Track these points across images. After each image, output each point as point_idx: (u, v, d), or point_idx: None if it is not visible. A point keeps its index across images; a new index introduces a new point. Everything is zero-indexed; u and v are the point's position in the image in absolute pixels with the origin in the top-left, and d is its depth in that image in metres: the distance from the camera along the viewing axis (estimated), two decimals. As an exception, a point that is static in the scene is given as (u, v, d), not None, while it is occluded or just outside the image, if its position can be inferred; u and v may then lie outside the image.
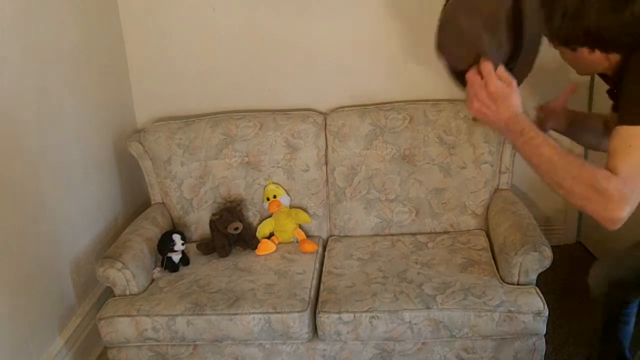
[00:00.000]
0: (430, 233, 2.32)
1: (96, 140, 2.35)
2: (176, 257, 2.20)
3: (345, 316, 1.89)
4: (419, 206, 2.32)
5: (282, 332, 1.91)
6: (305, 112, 2.39)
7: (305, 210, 2.37)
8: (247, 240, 2.29)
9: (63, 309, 2.11)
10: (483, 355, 1.93)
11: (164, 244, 2.19)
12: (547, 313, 1.83)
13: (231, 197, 2.38)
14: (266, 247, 2.27)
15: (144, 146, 2.38)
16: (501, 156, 2.29)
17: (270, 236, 2.34)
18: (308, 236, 2.35)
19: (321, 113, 2.43)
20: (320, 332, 1.92)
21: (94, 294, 2.31)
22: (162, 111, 2.58)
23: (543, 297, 1.87)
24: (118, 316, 1.95)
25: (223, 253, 2.25)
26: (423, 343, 1.93)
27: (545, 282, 1.96)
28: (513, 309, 1.84)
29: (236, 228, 2.24)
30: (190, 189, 2.39)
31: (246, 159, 2.36)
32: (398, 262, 2.11)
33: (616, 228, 1.19)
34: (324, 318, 1.90)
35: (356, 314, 1.88)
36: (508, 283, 1.95)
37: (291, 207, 2.36)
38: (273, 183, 2.36)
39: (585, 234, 2.75)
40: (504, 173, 2.32)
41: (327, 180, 2.38)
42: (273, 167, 2.36)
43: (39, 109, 1.97)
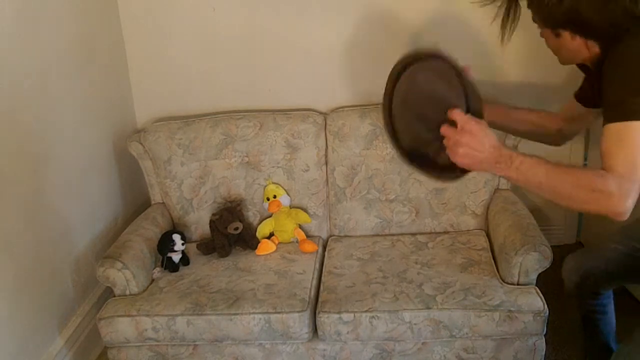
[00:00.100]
0: (430, 233, 2.32)
1: (96, 140, 2.35)
2: (176, 257, 2.20)
3: (345, 316, 1.89)
4: (419, 206, 2.32)
5: (282, 332, 1.91)
6: (305, 112, 2.39)
7: (305, 210, 2.37)
8: (247, 240, 2.29)
9: (63, 309, 2.11)
10: (483, 355, 1.93)
11: (164, 244, 2.19)
12: (547, 313, 1.83)
13: (231, 197, 2.38)
14: (266, 247, 2.27)
15: (144, 146, 2.38)
16: (501, 156, 2.29)
17: (270, 236, 2.34)
18: (308, 236, 2.35)
19: (321, 113, 2.42)
20: (320, 332, 1.92)
21: (94, 294, 2.31)
22: (162, 111, 2.58)
23: (543, 297, 1.87)
24: (118, 316, 1.95)
25: (223, 253, 2.25)
26: (423, 343, 1.93)
27: (545, 282, 1.96)
28: (513, 309, 1.84)
29: (236, 228, 2.24)
30: (190, 189, 2.39)
31: (246, 159, 2.36)
32: (398, 262, 2.11)
33: (625, 218, 1.23)
34: (324, 318, 1.90)
35: (356, 314, 1.88)
36: (508, 283, 1.95)
37: (291, 207, 2.36)
38: (273, 183, 2.36)
39: (585, 234, 2.75)
40: (504, 173, 2.32)
41: (327, 180, 2.38)
42: (273, 167, 2.36)
43: (39, 109, 1.97)
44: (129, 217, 2.45)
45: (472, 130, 1.29)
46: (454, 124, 1.32)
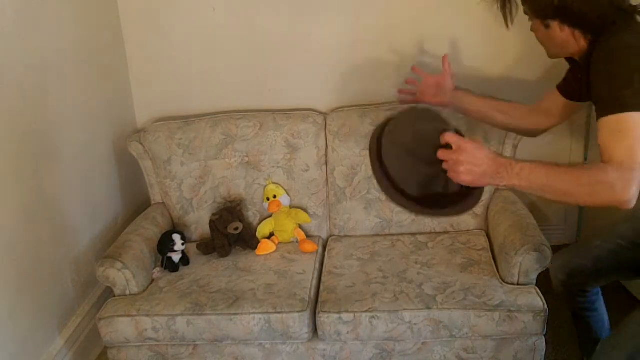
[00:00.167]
0: (430, 233, 2.32)
1: (96, 140, 2.35)
2: (176, 257, 2.20)
3: (345, 316, 1.89)
4: (419, 206, 2.32)
5: (282, 332, 1.91)
6: (305, 112, 2.39)
7: (305, 210, 2.37)
8: (247, 240, 2.29)
9: (63, 309, 2.11)
10: (483, 355, 1.93)
11: (164, 244, 2.19)
12: (547, 313, 1.83)
13: (231, 197, 2.38)
14: (266, 247, 2.27)
15: (144, 146, 2.38)
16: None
17: (270, 236, 2.34)
18: (308, 236, 2.35)
19: (321, 113, 2.42)
20: (320, 332, 1.92)
21: (94, 294, 2.31)
22: (162, 111, 2.58)
23: (543, 297, 1.87)
24: (118, 316, 1.95)
25: (223, 253, 2.25)
26: (423, 343, 1.93)
27: (545, 282, 1.95)
28: (513, 309, 1.84)
29: (236, 228, 2.24)
30: (190, 189, 2.39)
31: (246, 159, 2.36)
32: (398, 262, 2.11)
33: (632, 206, 1.25)
34: (324, 318, 1.90)
35: (356, 314, 1.88)
36: (508, 283, 1.95)
37: (291, 207, 2.36)
38: (273, 183, 2.36)
39: (585, 234, 2.75)
40: (504, 173, 2.31)
41: (327, 180, 2.38)
42: (273, 167, 2.36)
43: (39, 109, 1.97)
44: (129, 217, 2.45)
45: (467, 147, 1.31)
46: (449, 148, 1.34)
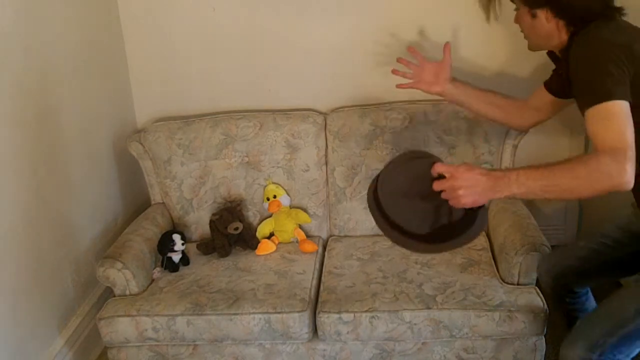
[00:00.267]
0: (430, 233, 2.32)
1: (96, 140, 2.35)
2: (176, 257, 2.20)
3: (345, 316, 1.89)
4: (419, 206, 2.32)
5: (282, 332, 1.91)
6: (305, 112, 2.39)
7: (305, 210, 2.37)
8: (247, 240, 2.29)
9: (63, 309, 2.11)
10: (483, 355, 1.93)
11: (164, 244, 2.19)
12: (547, 313, 1.83)
13: (231, 197, 2.38)
14: (266, 247, 2.27)
15: (144, 146, 2.38)
16: (501, 156, 2.29)
17: (270, 236, 2.34)
18: (308, 236, 2.35)
19: (321, 113, 2.42)
20: (320, 332, 1.92)
21: (94, 294, 2.31)
22: (162, 111, 2.58)
23: (543, 297, 1.87)
24: (118, 316, 1.95)
25: (223, 253, 2.25)
26: (423, 343, 1.93)
27: (545, 282, 1.96)
28: (513, 309, 1.84)
29: (236, 228, 2.24)
30: (190, 189, 2.39)
31: (246, 159, 2.36)
32: (398, 262, 2.11)
33: (631, 186, 1.26)
34: (324, 318, 1.90)
35: (356, 314, 1.88)
36: (508, 283, 1.95)
37: (291, 207, 2.36)
38: (273, 183, 2.36)
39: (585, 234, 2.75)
40: (504, 173, 2.32)
41: (327, 180, 2.37)
42: (273, 167, 2.36)
43: (39, 109, 1.97)
44: (129, 217, 2.45)
45: (459, 170, 1.33)
46: (442, 178, 1.35)
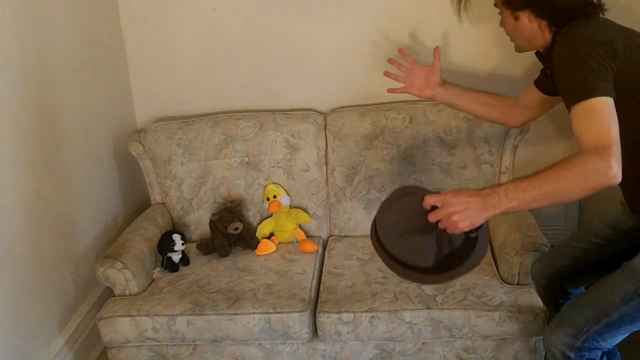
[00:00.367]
0: (430, 233, 2.32)
1: (96, 140, 2.35)
2: (176, 257, 2.20)
3: (345, 316, 1.89)
4: (419, 206, 2.32)
5: (282, 332, 1.91)
6: (305, 112, 2.39)
7: (305, 210, 2.37)
8: (247, 240, 2.29)
9: (63, 309, 2.11)
10: (483, 355, 1.93)
11: (164, 244, 2.19)
12: (547, 313, 1.83)
13: (231, 197, 2.38)
14: (266, 247, 2.27)
15: (144, 146, 2.38)
16: (501, 156, 2.29)
17: (270, 236, 2.34)
18: (308, 236, 2.35)
19: (321, 113, 2.42)
20: (320, 332, 1.93)
21: (94, 294, 2.31)
22: (162, 111, 2.58)
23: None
24: (118, 316, 1.95)
25: (223, 253, 2.25)
26: (423, 343, 1.93)
27: (545, 282, 1.95)
28: (513, 309, 1.84)
29: (236, 228, 2.24)
30: (190, 189, 2.39)
31: (246, 159, 2.36)
32: (398, 262, 2.11)
33: (619, 180, 1.26)
34: (324, 318, 1.90)
35: (356, 314, 1.88)
36: (508, 283, 1.95)
37: (291, 207, 2.36)
38: (273, 183, 2.36)
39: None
40: (504, 173, 2.32)
41: (327, 180, 2.38)
42: (273, 167, 2.36)
43: (39, 109, 1.97)
44: (129, 217, 2.45)
45: (448, 197, 1.35)
46: (435, 209, 1.37)
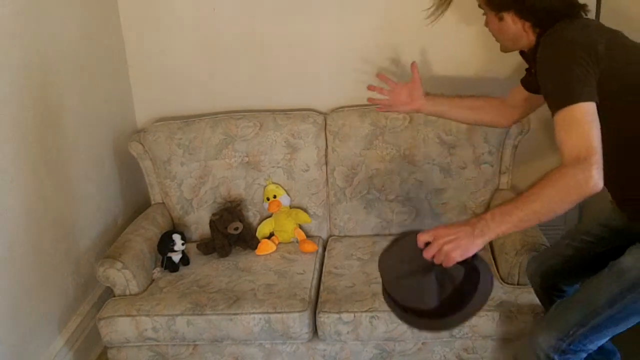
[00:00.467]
0: (430, 233, 2.32)
1: (96, 140, 2.35)
2: (176, 257, 2.20)
3: (345, 316, 1.89)
4: (419, 206, 2.32)
5: (282, 332, 1.91)
6: (305, 112, 2.39)
7: (305, 210, 2.37)
8: (247, 240, 2.29)
9: (63, 309, 2.11)
10: (483, 355, 1.93)
11: (164, 244, 2.19)
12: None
13: (231, 197, 2.38)
14: (266, 247, 2.27)
15: (144, 146, 2.38)
16: (501, 156, 2.29)
17: (270, 236, 2.34)
18: (308, 236, 2.35)
19: (321, 113, 2.42)
20: (320, 332, 1.93)
21: (94, 294, 2.31)
22: (162, 111, 2.58)
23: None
24: (118, 316, 1.95)
25: (223, 253, 2.25)
26: (423, 343, 1.93)
27: (545, 282, 1.95)
28: (513, 309, 1.84)
29: (236, 228, 2.24)
30: (190, 189, 2.39)
31: (246, 159, 2.36)
32: (398, 262, 2.11)
33: (601, 186, 1.26)
34: (324, 318, 1.90)
35: (356, 314, 1.88)
36: (508, 283, 1.95)
37: (291, 207, 2.36)
38: (273, 183, 2.36)
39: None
40: (504, 173, 2.32)
41: (327, 180, 2.38)
42: (273, 167, 2.36)
43: (39, 109, 1.97)
44: (129, 217, 2.45)
45: (438, 230, 1.36)
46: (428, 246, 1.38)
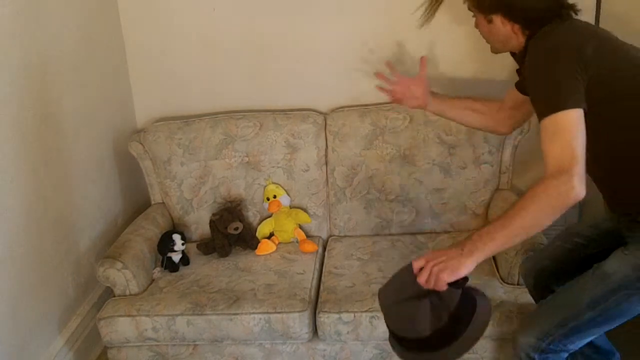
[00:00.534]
0: (430, 233, 2.32)
1: (96, 140, 2.35)
2: (176, 257, 2.20)
3: (345, 316, 1.89)
4: (419, 206, 2.32)
5: (282, 332, 1.91)
6: (305, 112, 2.39)
7: (305, 210, 2.37)
8: (247, 240, 2.29)
9: (63, 309, 2.11)
10: (483, 355, 1.93)
11: (164, 244, 2.19)
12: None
13: (231, 197, 2.38)
14: (266, 247, 2.27)
15: (144, 146, 2.38)
16: (501, 156, 2.29)
17: (270, 236, 2.34)
18: (308, 236, 2.35)
19: (321, 113, 2.42)
20: (320, 332, 1.93)
21: (94, 294, 2.31)
22: (162, 111, 2.58)
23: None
24: (118, 316, 1.95)
25: (223, 253, 2.25)
26: (423, 343, 1.93)
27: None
28: (513, 309, 1.84)
29: (236, 228, 2.24)
30: (190, 189, 2.39)
31: (246, 159, 2.36)
32: (398, 262, 2.11)
33: (583, 196, 1.26)
34: (324, 318, 1.90)
35: (356, 314, 1.88)
36: (508, 283, 1.95)
37: (291, 207, 2.36)
38: (273, 183, 2.36)
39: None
40: (504, 173, 2.32)
41: (327, 180, 2.38)
42: (273, 167, 2.36)
43: (39, 109, 1.97)
44: (129, 217, 2.45)
45: (428, 254, 1.40)
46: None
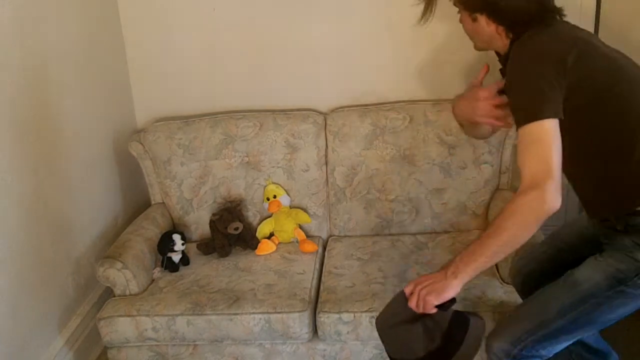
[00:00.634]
0: (430, 233, 2.32)
1: (96, 140, 2.35)
2: (176, 257, 2.20)
3: (345, 316, 1.89)
4: (419, 206, 2.32)
5: (282, 332, 1.91)
6: (305, 112, 2.39)
7: (305, 210, 2.37)
8: (247, 240, 2.29)
9: (63, 309, 2.11)
10: (483, 355, 1.93)
11: (164, 244, 2.19)
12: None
13: (231, 197, 2.38)
14: (266, 247, 2.27)
15: (144, 146, 2.38)
16: (501, 156, 2.29)
17: (270, 236, 2.34)
18: (308, 236, 2.35)
19: (321, 113, 2.42)
20: (320, 332, 1.93)
21: (94, 294, 2.31)
22: (162, 111, 2.58)
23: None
24: (118, 316, 1.95)
25: (223, 253, 2.25)
26: (423, 343, 1.93)
27: (545, 282, 1.95)
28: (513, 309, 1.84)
29: (236, 228, 2.24)
30: (190, 189, 2.39)
31: (246, 159, 2.36)
32: (398, 262, 2.11)
33: (559, 206, 1.28)
34: (324, 318, 1.90)
35: (356, 314, 1.88)
36: (508, 283, 1.95)
37: (291, 207, 2.36)
38: (273, 183, 2.36)
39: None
40: (504, 173, 2.32)
41: (327, 180, 2.38)
42: (273, 167, 2.36)
43: (39, 110, 1.97)
44: (129, 217, 2.45)
45: (416, 279, 1.45)
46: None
